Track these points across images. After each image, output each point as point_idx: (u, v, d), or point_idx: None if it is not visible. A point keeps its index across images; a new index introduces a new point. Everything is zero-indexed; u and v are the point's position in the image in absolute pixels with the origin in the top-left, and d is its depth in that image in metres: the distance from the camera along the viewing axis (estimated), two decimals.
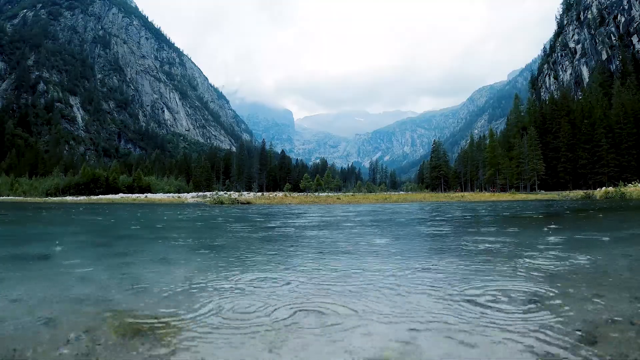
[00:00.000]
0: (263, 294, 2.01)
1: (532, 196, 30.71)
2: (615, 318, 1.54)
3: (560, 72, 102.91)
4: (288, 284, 2.27)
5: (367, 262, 2.96)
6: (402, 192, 61.15)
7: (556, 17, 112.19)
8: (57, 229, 7.38)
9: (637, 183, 27.57)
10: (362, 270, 2.62)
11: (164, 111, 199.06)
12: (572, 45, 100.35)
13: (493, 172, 61.56)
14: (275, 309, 1.73)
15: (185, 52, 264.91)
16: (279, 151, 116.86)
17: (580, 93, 79.29)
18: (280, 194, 41.76)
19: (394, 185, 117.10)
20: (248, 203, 20.89)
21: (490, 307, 1.74)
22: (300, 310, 1.68)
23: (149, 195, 42.96)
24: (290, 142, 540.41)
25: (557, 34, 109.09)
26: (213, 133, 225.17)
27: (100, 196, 41.68)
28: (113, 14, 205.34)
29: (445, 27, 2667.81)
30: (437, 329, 1.47)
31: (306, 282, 2.29)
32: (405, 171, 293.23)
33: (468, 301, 1.84)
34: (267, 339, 1.37)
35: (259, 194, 44.14)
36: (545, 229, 5.59)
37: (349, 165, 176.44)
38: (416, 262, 2.96)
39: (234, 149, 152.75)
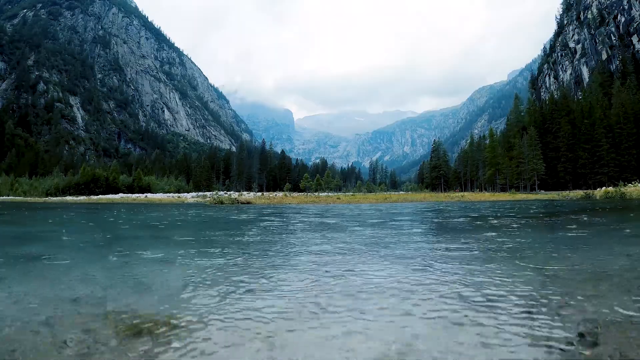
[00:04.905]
0: (262, 294, 2.02)
1: (532, 196, 30.70)
2: (615, 318, 1.53)
3: (560, 72, 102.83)
4: (288, 288, 2.27)
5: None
6: (402, 192, 61.11)
7: (556, 17, 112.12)
8: (57, 229, 7.38)
9: (637, 183, 27.54)
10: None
11: (164, 111, 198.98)
12: (572, 45, 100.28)
13: (493, 172, 61.52)
14: (276, 309, 1.73)
15: (185, 52, 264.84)
16: (279, 151, 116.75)
17: (580, 93, 79.17)
18: (280, 193, 41.76)
19: (394, 185, 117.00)
20: (248, 203, 20.88)
21: (490, 305, 1.74)
22: (300, 317, 1.64)
23: (149, 195, 42.95)
24: (290, 142, 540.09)
25: (557, 33, 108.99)
26: (213, 133, 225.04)
27: (100, 196, 41.66)
28: (113, 14, 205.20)
29: (445, 27, 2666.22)
30: (438, 325, 1.47)
31: (305, 290, 2.29)
32: (405, 171, 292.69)
33: (469, 299, 1.85)
34: (266, 338, 1.36)
35: (259, 193, 44.13)
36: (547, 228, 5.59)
37: (349, 165, 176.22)
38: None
39: (234, 148, 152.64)
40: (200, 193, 46.52)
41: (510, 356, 1.20)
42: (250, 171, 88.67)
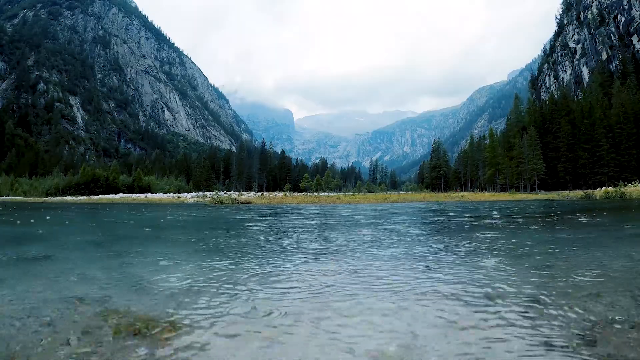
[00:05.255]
0: (262, 294, 2.02)
1: (532, 196, 30.70)
2: (615, 318, 1.53)
3: (560, 72, 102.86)
4: (288, 287, 2.27)
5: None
6: (402, 192, 61.11)
7: (556, 17, 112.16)
8: (57, 229, 7.38)
9: (637, 183, 27.53)
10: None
11: (164, 111, 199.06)
12: (572, 45, 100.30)
13: (493, 172, 61.54)
14: (275, 309, 1.73)
15: (185, 52, 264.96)
16: (279, 151, 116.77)
17: (580, 93, 79.17)
18: (280, 193, 41.78)
19: (394, 185, 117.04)
20: (248, 203, 20.88)
21: (490, 305, 1.74)
22: (300, 317, 1.65)
23: (149, 195, 42.97)
24: (290, 142, 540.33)
25: (557, 33, 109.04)
26: (213, 133, 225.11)
27: (100, 196, 41.67)
28: (113, 13, 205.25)
29: (445, 27, 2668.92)
30: (438, 325, 1.48)
31: (305, 290, 2.29)
32: (405, 171, 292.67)
33: (469, 299, 1.85)
34: (266, 338, 1.36)
35: (259, 193, 44.15)
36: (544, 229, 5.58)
37: (349, 165, 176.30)
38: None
39: (234, 148, 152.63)
40: (200, 193, 46.53)
41: (509, 356, 1.20)
42: (250, 171, 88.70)
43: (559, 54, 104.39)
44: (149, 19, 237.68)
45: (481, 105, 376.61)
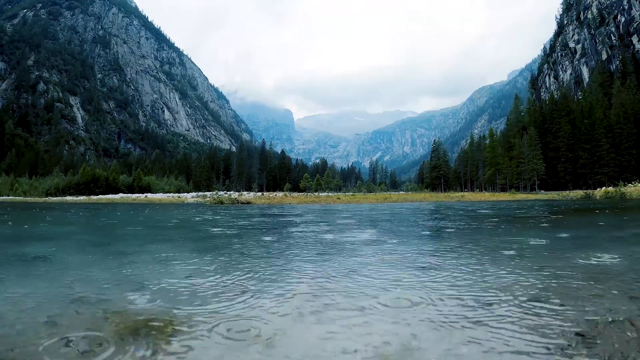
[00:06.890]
0: (262, 294, 2.02)
1: (532, 196, 30.71)
2: (615, 318, 1.53)
3: (560, 72, 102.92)
4: (289, 290, 2.27)
5: None
6: (402, 192, 61.12)
7: (556, 17, 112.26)
8: (57, 228, 7.39)
9: (637, 183, 27.55)
10: None
11: (164, 111, 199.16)
12: (572, 45, 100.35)
13: (493, 172, 61.56)
14: (274, 310, 1.72)
15: (185, 52, 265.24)
16: (279, 151, 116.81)
17: (580, 93, 79.13)
18: (280, 193, 41.81)
19: (394, 185, 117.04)
20: (248, 203, 20.89)
21: (489, 305, 1.74)
22: (301, 317, 1.66)
23: (149, 195, 43.03)
24: (290, 142, 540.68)
25: (557, 33, 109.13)
26: (213, 133, 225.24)
27: (100, 196, 41.71)
28: (113, 13, 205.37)
29: (445, 27, 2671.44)
30: (436, 325, 1.49)
31: (305, 290, 2.29)
32: (405, 171, 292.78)
33: (468, 299, 1.85)
34: (266, 339, 1.37)
35: (259, 193, 44.18)
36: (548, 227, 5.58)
37: (349, 165, 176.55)
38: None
39: (234, 148, 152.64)
40: (200, 193, 46.55)
41: (509, 356, 1.20)
42: (250, 171, 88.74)
43: (559, 54, 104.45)
44: (149, 19, 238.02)
45: (481, 105, 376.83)
